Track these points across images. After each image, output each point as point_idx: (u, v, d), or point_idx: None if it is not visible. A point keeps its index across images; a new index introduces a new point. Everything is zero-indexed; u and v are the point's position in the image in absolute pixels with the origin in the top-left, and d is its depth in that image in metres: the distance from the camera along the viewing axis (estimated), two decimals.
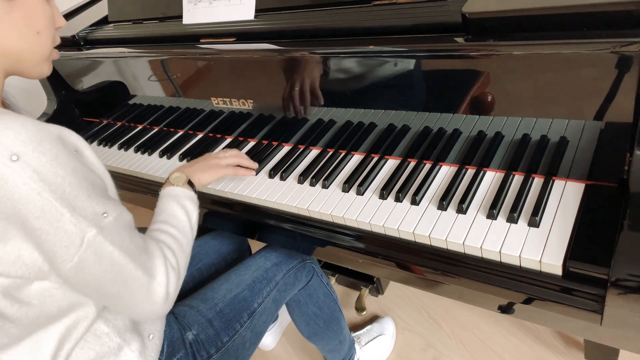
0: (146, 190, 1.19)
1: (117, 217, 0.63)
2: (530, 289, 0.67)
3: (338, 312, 1.20)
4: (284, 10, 0.99)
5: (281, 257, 1.05)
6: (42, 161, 0.56)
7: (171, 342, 0.83)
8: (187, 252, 0.79)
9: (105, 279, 0.63)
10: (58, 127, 0.62)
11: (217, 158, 0.97)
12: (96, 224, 0.60)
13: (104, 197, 0.63)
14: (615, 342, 0.65)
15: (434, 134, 0.86)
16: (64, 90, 1.50)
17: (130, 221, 0.67)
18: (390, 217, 0.81)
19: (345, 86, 0.90)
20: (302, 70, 0.93)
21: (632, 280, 0.57)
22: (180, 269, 0.75)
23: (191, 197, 0.85)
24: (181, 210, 0.82)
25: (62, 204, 0.57)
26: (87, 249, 0.59)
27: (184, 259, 0.77)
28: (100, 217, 0.61)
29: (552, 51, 0.64)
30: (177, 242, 0.77)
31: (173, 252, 0.75)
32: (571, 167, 0.75)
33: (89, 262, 0.60)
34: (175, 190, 0.85)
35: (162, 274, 0.69)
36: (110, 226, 0.62)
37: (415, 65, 0.80)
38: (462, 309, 1.49)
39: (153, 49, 1.16)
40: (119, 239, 0.63)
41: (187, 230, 0.81)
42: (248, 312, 0.94)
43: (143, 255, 0.67)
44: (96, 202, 0.61)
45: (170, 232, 0.78)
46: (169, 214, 0.81)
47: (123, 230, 0.64)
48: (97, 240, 0.60)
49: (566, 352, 1.29)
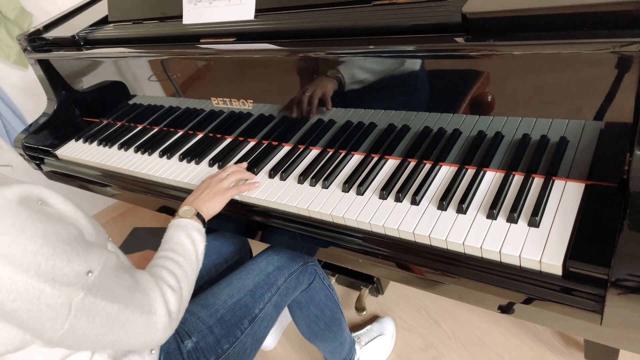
0: (146, 190, 1.19)
1: (103, 268, 0.60)
2: (530, 289, 0.67)
3: (339, 313, 1.20)
4: (284, 10, 0.99)
5: (283, 261, 1.05)
6: (6, 242, 0.52)
7: (167, 353, 0.83)
8: (191, 279, 0.80)
9: (102, 332, 0.60)
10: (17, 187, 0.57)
11: (220, 181, 0.97)
12: (82, 286, 0.57)
13: (84, 250, 0.59)
14: (615, 342, 0.65)
15: (434, 134, 0.86)
16: (64, 90, 1.50)
17: (115, 263, 0.64)
18: (390, 217, 0.81)
19: (345, 86, 0.90)
20: (302, 70, 0.93)
21: (632, 280, 0.57)
22: (183, 291, 0.75)
23: (199, 229, 0.86)
24: (188, 240, 0.83)
25: (40, 280, 0.54)
26: (76, 313, 0.57)
27: (187, 286, 0.77)
28: (84, 277, 0.58)
29: (552, 51, 0.64)
30: (181, 268, 0.77)
31: (175, 276, 0.75)
32: (571, 167, 0.75)
33: (82, 324, 0.58)
34: (183, 221, 0.86)
35: (161, 304, 0.68)
36: (97, 282, 0.59)
37: (415, 66, 0.80)
38: (462, 308, 1.49)
39: (153, 49, 1.16)
40: (109, 290, 0.60)
41: (192, 259, 0.81)
42: (249, 318, 0.94)
43: (137, 294, 0.65)
44: (77, 262, 0.57)
45: (175, 258, 0.78)
46: (176, 242, 0.82)
47: (111, 279, 0.62)
48: (86, 302, 0.57)
49: (566, 352, 1.29)
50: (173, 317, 0.71)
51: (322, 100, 0.95)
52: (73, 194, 2.29)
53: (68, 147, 1.44)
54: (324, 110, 0.97)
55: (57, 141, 1.49)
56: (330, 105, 0.95)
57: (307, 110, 0.99)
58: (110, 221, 2.49)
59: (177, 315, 0.72)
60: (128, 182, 1.23)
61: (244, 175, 1.01)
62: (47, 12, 1.94)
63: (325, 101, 0.95)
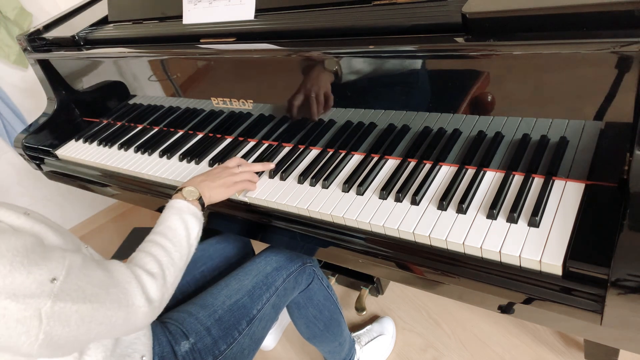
0: (146, 190, 1.19)
1: (68, 272, 0.59)
2: (530, 289, 0.67)
3: (338, 314, 1.20)
4: (284, 10, 0.99)
5: (282, 261, 1.05)
6: None
7: (161, 357, 0.83)
8: (179, 265, 0.79)
9: (79, 333, 0.60)
10: None
11: (232, 175, 0.95)
12: (48, 295, 0.56)
13: (44, 258, 0.58)
14: (615, 342, 0.65)
15: (434, 134, 0.86)
16: (64, 90, 1.50)
17: (81, 263, 0.63)
18: (390, 217, 0.81)
19: (345, 86, 0.90)
20: (302, 70, 0.93)
21: (632, 280, 0.57)
22: (167, 278, 0.74)
23: (195, 213, 0.85)
24: (181, 225, 0.82)
25: (1, 298, 0.53)
26: (49, 321, 0.56)
27: (174, 271, 0.77)
28: (49, 285, 0.57)
29: (552, 51, 0.64)
30: (168, 255, 0.77)
31: (159, 263, 0.74)
32: (571, 167, 0.75)
33: (57, 330, 0.57)
34: (180, 203, 0.85)
35: (138, 295, 0.68)
36: (64, 287, 0.58)
37: (415, 66, 0.80)
38: (462, 309, 1.49)
39: (153, 49, 1.16)
40: (79, 292, 0.60)
41: (182, 244, 0.80)
42: (247, 319, 0.94)
43: (112, 290, 0.64)
44: (38, 272, 0.56)
45: (163, 244, 0.78)
46: (168, 225, 0.81)
47: (80, 280, 0.61)
48: (56, 308, 0.57)
49: (566, 352, 1.29)
50: (155, 305, 0.70)
51: (322, 100, 0.95)
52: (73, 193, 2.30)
53: (68, 147, 1.44)
54: (323, 110, 0.97)
55: (57, 141, 1.49)
56: (330, 105, 0.95)
57: (307, 110, 0.99)
58: (110, 221, 2.49)
59: (159, 303, 0.72)
60: (128, 182, 1.23)
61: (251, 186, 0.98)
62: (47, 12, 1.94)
63: (325, 101, 0.95)
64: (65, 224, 2.36)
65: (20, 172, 2.10)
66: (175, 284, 0.77)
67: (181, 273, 0.80)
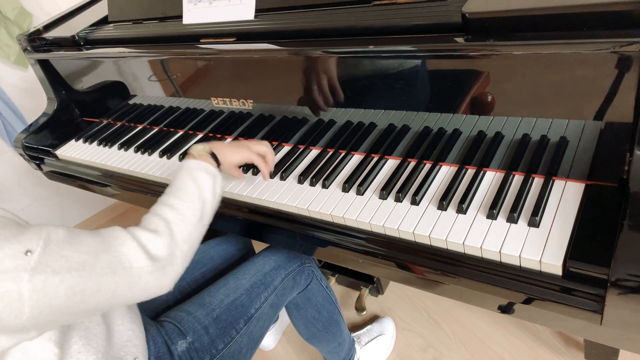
0: (146, 190, 1.19)
1: (46, 243, 0.58)
2: (530, 289, 0.67)
3: (337, 314, 1.20)
4: (284, 10, 0.99)
5: (280, 261, 1.05)
6: None
7: (157, 357, 0.82)
8: (192, 220, 0.76)
9: (73, 303, 0.58)
10: None
11: (249, 144, 0.95)
12: (24, 268, 0.55)
13: (16, 233, 0.57)
14: (615, 342, 0.65)
15: (434, 134, 0.86)
16: (64, 90, 1.50)
17: (65, 234, 0.61)
18: (390, 217, 0.81)
19: (345, 86, 0.90)
20: (302, 70, 0.93)
21: (632, 280, 0.57)
22: (176, 234, 0.72)
23: (206, 169, 0.82)
24: (190, 182, 0.79)
25: None
26: (32, 295, 0.55)
27: (185, 227, 0.74)
28: (23, 258, 0.55)
29: (552, 51, 0.64)
30: (175, 211, 0.74)
31: (165, 220, 0.72)
32: (571, 167, 0.75)
33: (45, 302, 0.56)
34: (189, 163, 0.83)
35: (136, 254, 0.65)
36: (42, 259, 0.57)
37: (415, 65, 0.80)
38: (462, 309, 1.49)
39: (153, 49, 1.16)
40: (62, 261, 0.58)
41: (193, 200, 0.78)
42: (245, 318, 0.94)
43: (102, 255, 0.62)
44: (9, 246, 0.55)
45: (169, 202, 0.76)
46: (176, 186, 0.79)
47: (62, 249, 0.59)
48: (36, 281, 0.55)
49: (566, 352, 1.29)
50: (163, 263, 0.67)
51: (322, 100, 0.95)
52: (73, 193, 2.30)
53: (68, 147, 1.44)
54: (323, 110, 0.97)
55: (57, 141, 1.49)
56: (330, 105, 0.95)
57: (306, 110, 0.99)
58: (110, 221, 2.49)
59: (171, 260, 0.69)
60: (128, 182, 1.23)
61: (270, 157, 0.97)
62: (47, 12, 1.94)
63: (325, 101, 0.95)
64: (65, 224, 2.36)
65: (20, 172, 2.10)
66: (190, 240, 0.74)
67: (197, 228, 0.76)
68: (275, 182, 0.99)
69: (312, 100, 0.96)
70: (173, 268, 0.70)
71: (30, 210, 2.18)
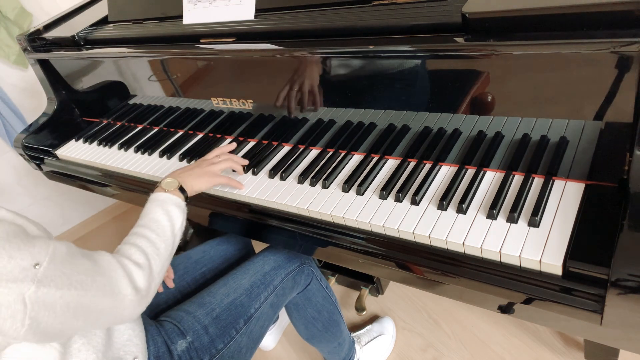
0: (146, 190, 1.18)
1: (52, 258, 0.60)
2: (530, 289, 0.67)
3: (337, 315, 1.19)
4: (284, 10, 0.99)
5: (280, 261, 1.05)
6: None
7: (157, 357, 0.83)
8: (165, 256, 0.79)
9: (66, 319, 0.60)
10: None
11: (212, 164, 0.97)
12: (31, 279, 0.56)
13: (26, 243, 0.59)
14: (615, 342, 0.65)
15: (434, 134, 0.86)
16: (64, 90, 1.50)
17: (66, 251, 0.64)
18: (390, 217, 0.81)
19: (345, 86, 0.90)
20: (302, 70, 0.93)
21: (632, 280, 0.57)
22: (153, 268, 0.74)
23: (177, 203, 0.84)
24: (164, 216, 0.81)
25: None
26: (33, 307, 0.56)
27: (159, 261, 0.77)
28: (32, 270, 0.57)
29: (552, 51, 0.64)
30: (152, 245, 0.77)
31: (145, 253, 0.74)
32: (571, 167, 0.75)
33: (42, 316, 0.57)
34: (161, 195, 0.85)
35: (125, 283, 0.68)
36: (47, 273, 0.58)
37: (415, 65, 0.80)
38: (462, 309, 1.49)
39: (153, 49, 1.16)
40: (64, 278, 0.60)
41: (167, 235, 0.80)
42: (244, 317, 0.94)
43: (97, 278, 0.65)
44: (20, 257, 0.57)
45: (147, 235, 0.78)
46: (151, 218, 0.81)
47: (64, 267, 0.61)
48: (40, 294, 0.57)
49: (566, 352, 1.29)
50: (142, 294, 0.70)
51: (322, 100, 0.95)
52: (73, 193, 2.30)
53: (68, 147, 1.44)
54: (323, 110, 0.97)
55: (57, 141, 1.49)
56: (330, 105, 0.95)
57: (306, 110, 0.99)
58: (110, 221, 2.49)
59: (147, 292, 0.72)
60: (128, 182, 1.23)
61: (235, 165, 1.01)
62: (47, 12, 1.94)
63: (325, 101, 0.95)
64: (65, 224, 2.36)
65: (20, 172, 2.10)
66: (161, 274, 0.77)
67: (167, 263, 0.79)
68: (275, 182, 0.99)
69: (311, 101, 0.96)
70: (147, 300, 0.73)
71: (30, 210, 2.19)
